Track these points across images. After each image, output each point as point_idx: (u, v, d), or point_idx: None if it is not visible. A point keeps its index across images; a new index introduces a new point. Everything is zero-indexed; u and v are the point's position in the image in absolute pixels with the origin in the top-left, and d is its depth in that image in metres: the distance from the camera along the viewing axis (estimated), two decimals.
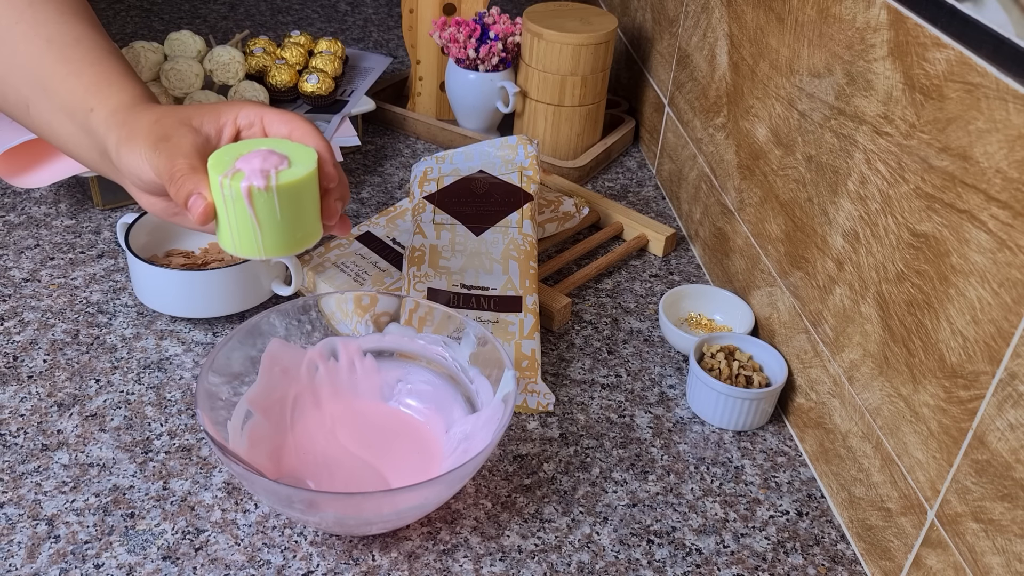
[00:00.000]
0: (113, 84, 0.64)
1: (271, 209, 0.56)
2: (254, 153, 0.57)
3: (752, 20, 0.85)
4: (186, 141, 0.59)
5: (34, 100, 0.66)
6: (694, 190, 1.01)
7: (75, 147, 0.66)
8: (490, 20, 1.11)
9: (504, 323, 0.80)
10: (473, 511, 0.68)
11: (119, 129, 0.60)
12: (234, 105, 0.62)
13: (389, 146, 1.18)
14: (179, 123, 0.60)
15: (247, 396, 0.68)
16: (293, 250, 0.59)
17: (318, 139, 0.61)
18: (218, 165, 0.57)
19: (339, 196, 0.62)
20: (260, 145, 0.59)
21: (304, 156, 0.58)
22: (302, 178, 0.57)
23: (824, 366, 0.72)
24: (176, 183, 0.57)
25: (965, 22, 0.53)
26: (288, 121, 0.62)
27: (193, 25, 1.48)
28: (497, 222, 0.87)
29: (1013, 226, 0.50)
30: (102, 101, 0.63)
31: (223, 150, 0.59)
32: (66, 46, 0.65)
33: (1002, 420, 0.51)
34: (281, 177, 0.56)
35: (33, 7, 0.66)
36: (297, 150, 0.59)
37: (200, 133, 0.60)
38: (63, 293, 0.87)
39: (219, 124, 0.61)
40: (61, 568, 0.62)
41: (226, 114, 0.62)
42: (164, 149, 0.58)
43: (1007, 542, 0.51)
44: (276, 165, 0.57)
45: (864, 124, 0.65)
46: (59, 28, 0.66)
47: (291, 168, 0.57)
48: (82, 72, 0.64)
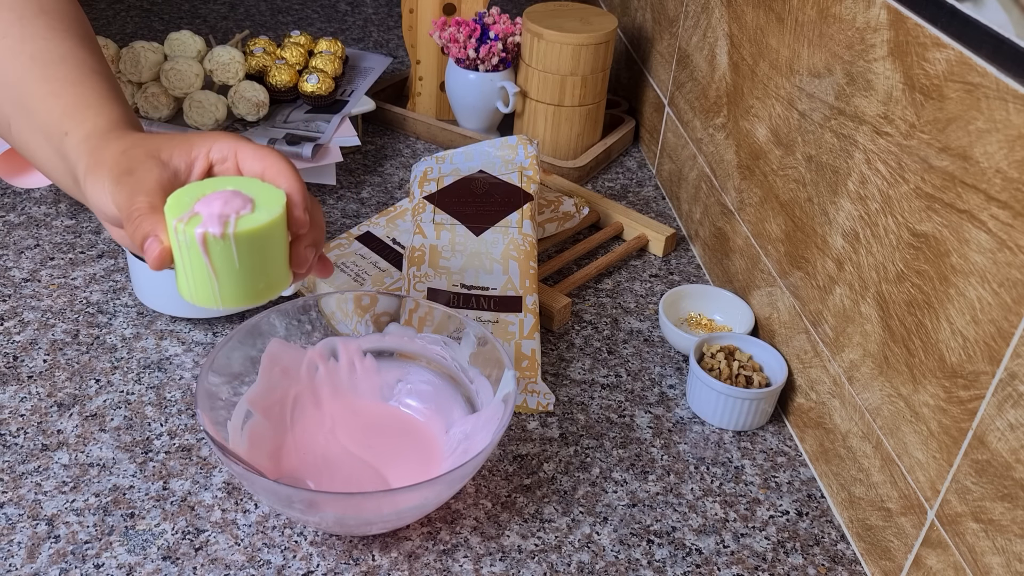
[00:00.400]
0: (91, 107, 0.60)
1: (228, 258, 0.52)
2: (216, 195, 0.53)
3: (752, 20, 0.85)
4: (151, 176, 0.55)
5: (15, 118, 0.63)
6: (694, 190, 1.01)
7: (52, 170, 0.63)
8: (490, 20, 1.11)
9: (504, 323, 0.80)
10: (473, 511, 0.68)
11: (88, 156, 0.57)
12: (208, 137, 0.58)
13: (389, 146, 1.18)
14: (147, 155, 0.56)
15: (247, 396, 0.68)
16: (254, 301, 0.55)
17: (292, 179, 0.56)
18: (176, 207, 0.52)
19: (311, 242, 0.57)
20: (226, 185, 0.54)
21: (271, 200, 0.53)
22: (263, 225, 0.52)
23: (824, 366, 0.72)
24: (133, 223, 0.53)
25: (965, 22, 0.53)
26: (263, 158, 0.57)
27: (193, 25, 1.48)
28: (497, 222, 0.87)
29: (1013, 226, 0.50)
30: (77, 125, 0.59)
31: (185, 189, 0.54)
32: (50, 64, 0.62)
33: (1002, 420, 0.51)
34: (240, 224, 0.51)
35: (22, 22, 0.64)
36: (265, 192, 0.54)
37: (168, 167, 0.56)
38: (63, 293, 0.87)
39: (190, 157, 0.57)
40: (61, 568, 0.62)
41: (198, 147, 0.57)
42: (126, 184, 0.54)
43: (1007, 542, 0.51)
44: (238, 209, 0.52)
45: (864, 124, 0.65)
46: (46, 45, 0.63)
47: (254, 213, 0.52)
48: (62, 93, 0.61)
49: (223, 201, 0.52)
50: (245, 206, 0.52)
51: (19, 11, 0.64)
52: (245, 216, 0.52)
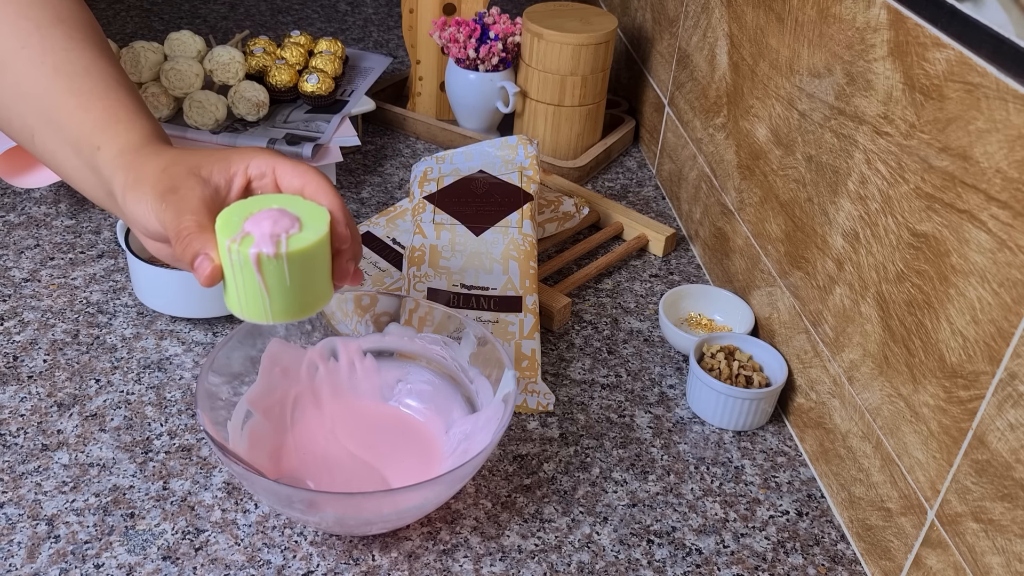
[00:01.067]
0: (122, 121, 0.61)
1: (280, 276, 0.53)
2: (264, 214, 0.54)
3: (752, 20, 0.85)
4: (194, 194, 0.56)
5: (39, 130, 0.63)
6: (694, 190, 1.01)
7: (81, 181, 0.63)
8: (490, 20, 1.11)
9: (504, 323, 0.80)
10: (473, 511, 0.68)
11: (126, 172, 0.58)
12: (245, 153, 0.59)
13: (389, 146, 1.18)
14: (188, 173, 0.57)
15: (247, 396, 0.68)
16: (302, 315, 0.56)
17: (332, 196, 0.57)
18: (226, 227, 0.54)
19: (351, 256, 0.59)
20: (271, 203, 0.55)
21: (316, 218, 0.55)
22: (312, 244, 0.53)
23: (824, 366, 0.72)
24: (182, 241, 0.54)
25: (965, 22, 0.53)
26: (302, 174, 0.58)
27: (193, 25, 1.48)
28: (497, 222, 0.87)
29: (1013, 226, 0.50)
30: (109, 139, 0.60)
31: (232, 208, 0.55)
32: (74, 76, 0.62)
33: (1002, 420, 0.51)
34: (292, 243, 0.53)
35: (40, 31, 0.63)
36: (309, 210, 0.56)
37: (209, 184, 0.57)
38: (63, 293, 0.87)
39: (229, 174, 0.58)
40: (61, 568, 0.62)
41: (236, 163, 0.58)
42: (171, 202, 0.55)
43: (1007, 542, 0.51)
44: (287, 229, 0.53)
45: (864, 124, 0.65)
46: (67, 56, 0.63)
47: (302, 232, 0.54)
48: (90, 106, 0.61)
49: (272, 221, 0.53)
50: (293, 225, 0.54)
51: (36, 20, 0.64)
52: (295, 235, 0.53)
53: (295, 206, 0.56)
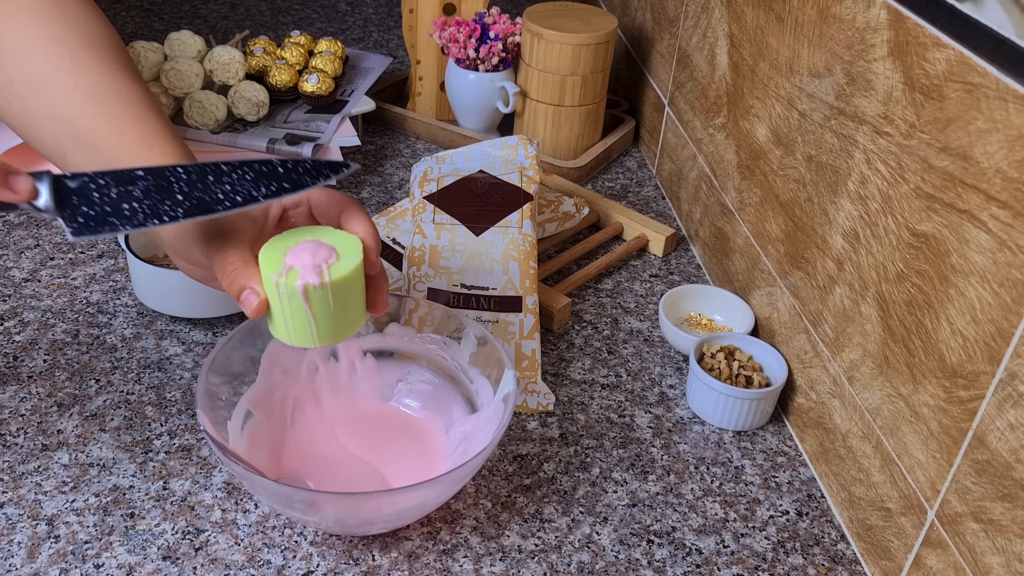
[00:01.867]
0: (155, 147, 0.63)
1: (325, 303, 0.57)
2: (302, 246, 0.57)
3: (752, 20, 0.85)
4: (235, 229, 0.59)
5: (72, 151, 0.64)
6: (694, 190, 1.01)
7: None
8: (490, 20, 1.11)
9: (504, 323, 0.80)
10: (473, 511, 0.68)
11: None
12: None
13: (389, 146, 1.18)
14: None
15: (247, 396, 0.68)
16: (343, 336, 0.60)
17: (367, 224, 0.60)
18: (269, 262, 0.57)
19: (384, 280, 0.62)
20: (305, 235, 0.59)
21: (350, 246, 0.59)
22: (352, 271, 0.57)
23: (824, 366, 0.72)
24: (228, 276, 0.57)
25: (965, 22, 0.53)
26: (337, 203, 0.61)
27: (193, 25, 1.48)
28: (497, 222, 0.87)
29: (1013, 226, 0.50)
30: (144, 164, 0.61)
31: (271, 244, 0.59)
32: (107, 100, 0.64)
33: (1002, 420, 0.51)
34: (333, 272, 0.56)
35: (72, 55, 0.65)
36: (341, 239, 0.59)
37: (247, 216, 0.60)
38: (63, 293, 0.87)
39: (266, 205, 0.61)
40: (61, 568, 0.62)
41: None
42: (215, 242, 0.58)
43: (1007, 542, 0.51)
44: (326, 259, 0.57)
45: (864, 124, 0.65)
46: (99, 80, 0.65)
47: (340, 261, 0.57)
48: (124, 131, 0.63)
49: (311, 253, 0.57)
50: (331, 255, 0.57)
51: (68, 43, 0.65)
52: (335, 264, 0.57)
53: (328, 237, 0.59)
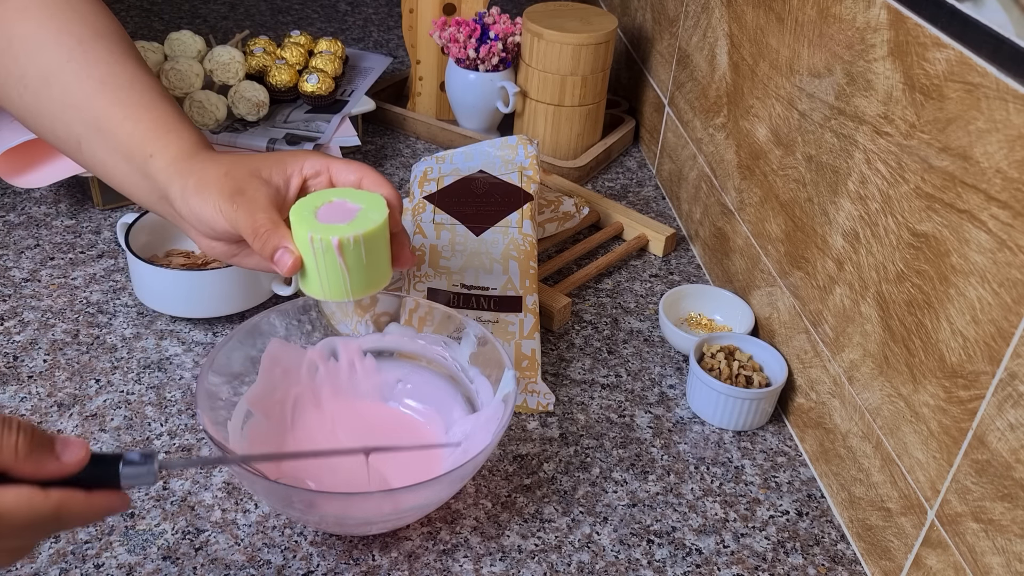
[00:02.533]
0: (171, 131, 0.65)
1: (358, 256, 0.60)
2: (330, 206, 0.61)
3: (752, 20, 0.85)
4: (261, 194, 0.61)
5: (87, 139, 0.66)
6: (694, 190, 1.01)
7: (131, 187, 0.67)
8: (490, 20, 1.11)
9: (504, 323, 0.80)
10: (473, 511, 0.68)
11: (184, 178, 0.62)
12: (298, 156, 0.64)
13: (389, 146, 1.18)
14: (250, 175, 0.62)
15: (247, 396, 0.68)
16: (373, 290, 0.64)
17: (388, 186, 0.64)
18: (302, 221, 0.60)
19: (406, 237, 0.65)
20: (332, 196, 0.62)
21: (376, 203, 0.62)
22: (381, 225, 0.61)
23: (824, 366, 0.72)
24: (260, 238, 0.60)
25: (965, 22, 0.53)
26: (357, 170, 0.64)
27: (193, 25, 1.48)
28: (497, 222, 0.87)
29: (1013, 226, 0.50)
30: (162, 148, 0.64)
31: (300, 204, 0.62)
32: (120, 88, 0.66)
33: (1002, 420, 0.51)
34: (364, 226, 0.60)
35: (83, 45, 0.67)
36: (366, 198, 0.62)
37: (271, 184, 0.62)
38: (63, 293, 0.87)
39: (286, 175, 0.63)
40: (61, 568, 0.62)
41: (292, 165, 0.64)
42: (242, 204, 0.60)
43: (1007, 542, 0.51)
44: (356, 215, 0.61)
45: (864, 124, 0.65)
46: (111, 69, 0.67)
47: (370, 216, 0.61)
48: (139, 117, 0.65)
49: (341, 210, 0.61)
50: (359, 212, 0.61)
51: (78, 35, 0.67)
52: (364, 219, 0.60)
53: (353, 196, 0.63)
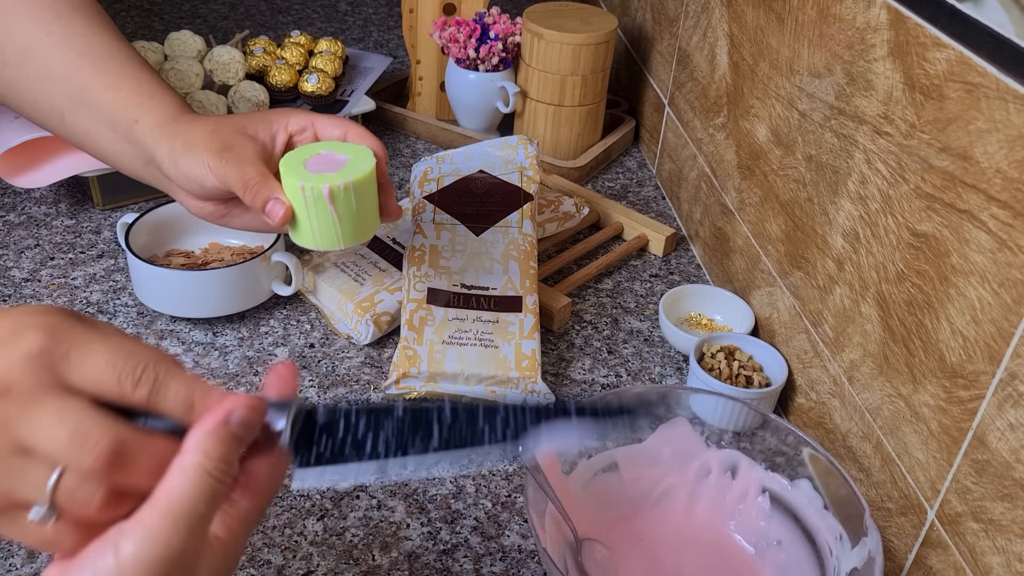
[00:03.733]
0: (154, 96, 0.66)
1: (348, 204, 0.62)
2: (318, 157, 0.63)
3: (752, 20, 0.85)
4: (248, 149, 0.62)
5: (70, 110, 0.67)
6: (694, 190, 1.01)
7: (116, 154, 0.68)
8: (490, 20, 1.11)
9: (504, 323, 0.80)
10: (473, 511, 0.68)
11: (171, 139, 0.63)
12: (282, 113, 0.66)
13: (389, 146, 1.18)
14: (236, 132, 0.63)
15: (621, 450, 0.66)
16: (363, 238, 0.65)
17: (372, 139, 0.65)
18: (291, 172, 0.61)
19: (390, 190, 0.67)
20: (319, 149, 0.64)
21: (362, 154, 0.64)
22: (369, 173, 0.62)
23: (824, 366, 0.72)
24: (251, 191, 0.61)
25: (965, 22, 0.53)
26: (341, 124, 0.66)
27: (193, 25, 1.48)
28: (497, 222, 0.87)
29: (1013, 226, 0.50)
30: (145, 113, 0.65)
31: (289, 157, 0.63)
32: (100, 59, 0.67)
33: (1002, 420, 0.51)
34: (353, 174, 0.61)
35: (61, 19, 0.68)
36: (353, 149, 0.64)
37: (257, 140, 0.64)
38: (63, 293, 0.87)
39: (272, 131, 0.65)
40: None
41: (276, 122, 0.65)
42: (230, 159, 0.61)
43: (1007, 542, 0.51)
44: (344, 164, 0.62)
45: (864, 124, 0.65)
46: (90, 41, 0.68)
47: (358, 165, 0.62)
48: (120, 85, 0.66)
49: (329, 161, 0.62)
50: (346, 162, 0.62)
51: (56, 9, 0.68)
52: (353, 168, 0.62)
53: (340, 148, 0.64)
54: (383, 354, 0.83)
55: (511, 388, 0.77)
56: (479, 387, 0.77)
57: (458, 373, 0.76)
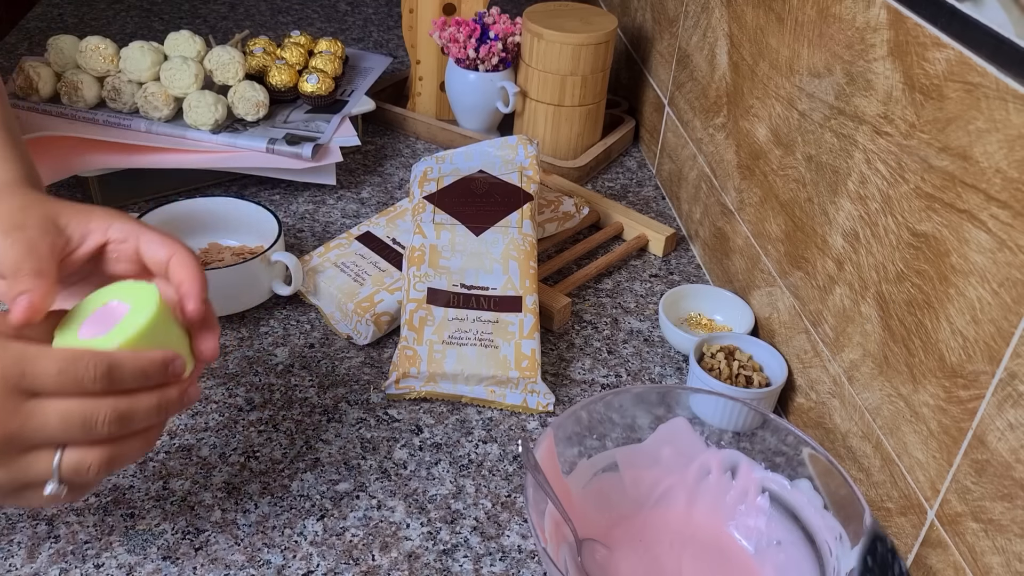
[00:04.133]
0: None
1: None
2: (103, 311, 0.55)
3: (752, 20, 0.85)
4: (43, 240, 0.56)
5: None
6: (694, 190, 1.01)
7: None
8: (490, 20, 1.11)
9: (504, 323, 0.80)
10: (473, 511, 0.68)
11: None
12: (107, 215, 0.59)
13: (389, 146, 1.18)
14: (44, 216, 0.57)
15: (621, 450, 0.66)
16: None
17: (193, 272, 0.58)
18: (64, 337, 0.55)
19: (207, 328, 0.59)
20: (107, 297, 0.56)
21: (145, 301, 0.55)
22: (140, 330, 0.53)
23: (824, 366, 0.72)
24: (17, 280, 0.54)
25: (965, 22, 0.53)
26: (168, 245, 0.58)
27: (193, 25, 1.48)
28: (497, 222, 0.87)
29: (1013, 226, 0.50)
30: None
31: (70, 315, 0.56)
32: None
33: (1002, 420, 0.51)
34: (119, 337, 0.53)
35: None
36: (141, 294, 0.56)
37: (62, 233, 0.57)
38: None
39: (86, 229, 0.58)
40: (61, 568, 0.62)
41: (96, 221, 0.58)
42: (17, 240, 0.55)
43: (1007, 542, 0.51)
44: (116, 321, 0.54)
45: (864, 124, 0.65)
46: None
47: (130, 322, 0.54)
48: None
49: (109, 317, 0.55)
50: (123, 316, 0.54)
51: None
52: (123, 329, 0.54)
53: (129, 294, 0.56)
54: (383, 354, 0.83)
55: (511, 388, 0.77)
56: (479, 387, 0.77)
57: (458, 373, 0.76)
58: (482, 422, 0.77)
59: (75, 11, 1.52)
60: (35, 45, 1.37)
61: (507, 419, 0.77)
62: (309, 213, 1.02)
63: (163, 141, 0.99)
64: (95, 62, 1.00)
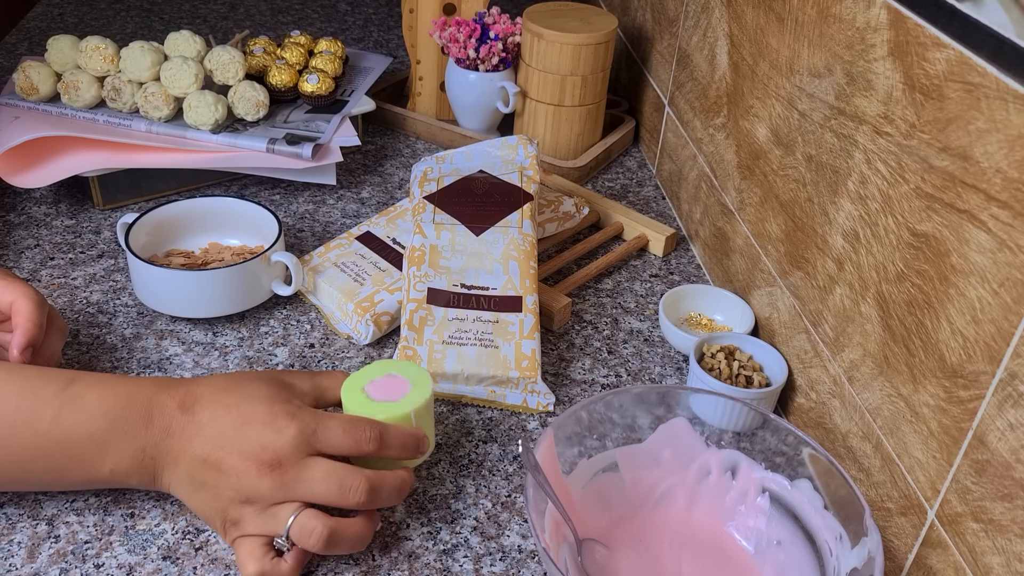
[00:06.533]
0: None
1: None
2: (381, 381, 0.65)
3: (752, 20, 0.85)
4: None
5: None
6: (694, 190, 1.01)
7: None
8: (490, 20, 1.11)
9: (504, 323, 0.80)
10: (473, 511, 0.68)
11: None
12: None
13: (389, 146, 1.18)
14: None
15: (621, 450, 0.66)
16: None
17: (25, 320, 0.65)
18: (354, 390, 0.64)
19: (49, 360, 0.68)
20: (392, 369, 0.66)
21: (422, 383, 0.65)
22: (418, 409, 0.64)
23: (824, 366, 0.72)
24: None
25: (965, 22, 0.53)
26: (11, 291, 0.66)
27: (193, 25, 1.48)
28: (497, 222, 0.87)
29: (1013, 226, 0.50)
30: None
31: (363, 372, 0.66)
32: None
33: (1002, 420, 0.51)
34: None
35: None
36: (420, 378, 0.66)
37: None
38: (63, 293, 0.87)
39: None
40: (61, 568, 0.62)
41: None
42: None
43: (1007, 542, 0.51)
44: None
45: (864, 124, 0.65)
46: None
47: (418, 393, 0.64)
48: None
49: (385, 388, 0.65)
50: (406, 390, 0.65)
51: None
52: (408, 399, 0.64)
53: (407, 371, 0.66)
54: (383, 354, 0.83)
55: (511, 388, 0.77)
56: (479, 387, 0.77)
57: (458, 373, 0.76)
58: (482, 422, 0.77)
59: (75, 11, 1.52)
60: (35, 45, 1.37)
61: (507, 419, 0.77)
62: (309, 213, 1.02)
63: (163, 141, 0.99)
64: (95, 62, 1.00)
